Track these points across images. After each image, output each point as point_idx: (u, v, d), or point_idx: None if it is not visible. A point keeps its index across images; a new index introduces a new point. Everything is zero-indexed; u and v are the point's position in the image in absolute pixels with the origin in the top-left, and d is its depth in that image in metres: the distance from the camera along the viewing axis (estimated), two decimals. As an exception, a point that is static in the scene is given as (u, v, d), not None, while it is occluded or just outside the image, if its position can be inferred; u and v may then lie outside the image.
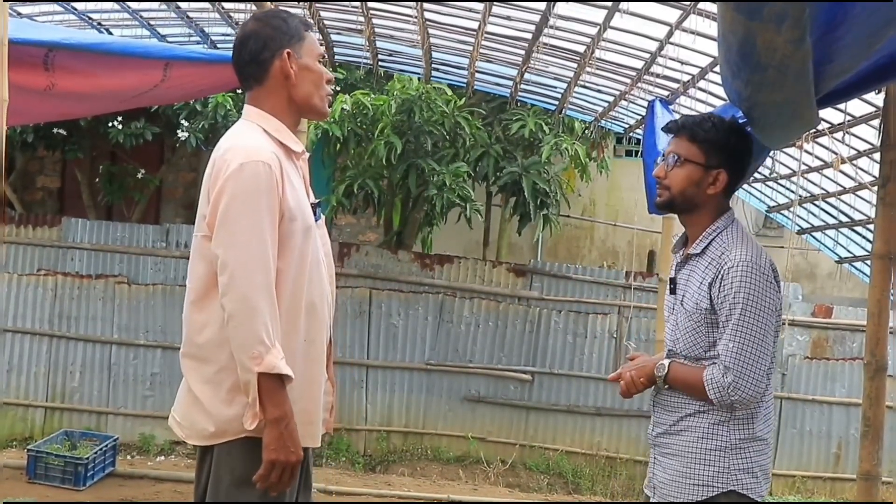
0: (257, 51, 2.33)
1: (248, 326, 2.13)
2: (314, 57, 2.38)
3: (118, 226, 7.14)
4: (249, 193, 2.17)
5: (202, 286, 2.26)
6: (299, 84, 2.35)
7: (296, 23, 2.38)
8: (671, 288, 2.66)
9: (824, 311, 7.29)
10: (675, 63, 4.33)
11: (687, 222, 2.66)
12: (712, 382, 2.42)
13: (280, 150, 2.29)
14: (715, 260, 2.49)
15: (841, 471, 7.18)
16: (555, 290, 7.29)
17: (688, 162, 2.57)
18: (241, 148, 2.23)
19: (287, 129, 2.36)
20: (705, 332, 2.49)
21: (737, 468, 2.46)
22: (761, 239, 10.42)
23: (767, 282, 2.43)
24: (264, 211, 2.17)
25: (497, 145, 7.34)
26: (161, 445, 6.89)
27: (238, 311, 2.14)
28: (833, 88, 2.29)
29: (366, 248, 7.41)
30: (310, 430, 2.32)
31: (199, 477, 2.36)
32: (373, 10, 4.92)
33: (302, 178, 2.39)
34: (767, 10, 1.70)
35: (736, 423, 2.47)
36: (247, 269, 2.15)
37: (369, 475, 6.85)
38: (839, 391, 7.19)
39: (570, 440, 7.28)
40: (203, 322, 2.26)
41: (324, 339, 2.38)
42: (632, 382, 2.62)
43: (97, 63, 4.29)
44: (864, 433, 3.36)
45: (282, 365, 2.14)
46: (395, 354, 7.21)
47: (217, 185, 2.20)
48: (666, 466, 2.57)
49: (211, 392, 2.25)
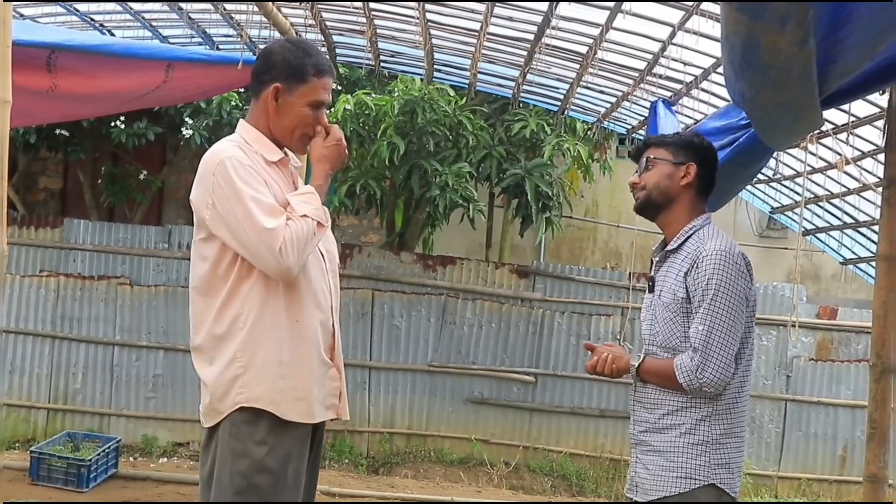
0: (261, 70, 2.52)
1: (303, 232, 2.37)
2: (306, 102, 2.50)
3: (120, 227, 7.14)
4: (235, 180, 2.36)
5: (205, 286, 2.47)
6: (277, 118, 2.51)
7: (307, 64, 2.49)
8: (650, 286, 2.77)
9: (829, 313, 7.26)
10: (678, 64, 4.31)
11: (664, 222, 2.76)
12: (681, 367, 2.53)
13: (257, 157, 2.47)
14: (691, 253, 2.61)
15: (847, 473, 7.14)
16: (558, 292, 7.27)
17: (658, 160, 2.71)
18: (212, 153, 2.45)
19: (266, 139, 2.52)
20: (681, 322, 2.59)
21: (716, 463, 2.55)
22: (766, 240, 10.40)
23: (739, 271, 2.54)
24: (242, 185, 2.35)
25: (500, 146, 7.32)
26: (163, 447, 6.88)
27: (290, 240, 2.34)
28: (837, 89, 2.30)
29: (368, 250, 7.40)
30: (301, 405, 2.46)
31: (205, 459, 2.50)
32: (374, 12, 4.91)
33: (290, 184, 2.56)
34: (771, 11, 1.70)
35: (716, 419, 2.56)
36: (261, 232, 2.33)
37: (372, 477, 6.84)
38: (844, 393, 7.15)
39: (573, 442, 7.26)
40: (205, 313, 2.48)
41: (317, 322, 2.49)
42: (604, 361, 2.70)
43: (99, 64, 4.29)
44: (870, 435, 3.34)
45: (321, 214, 2.47)
46: (398, 356, 7.19)
47: (200, 190, 2.43)
48: (648, 463, 2.64)
49: (211, 371, 2.44)
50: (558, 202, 7.40)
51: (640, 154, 2.79)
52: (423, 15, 4.68)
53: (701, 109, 4.73)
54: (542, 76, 5.42)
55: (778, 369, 7.18)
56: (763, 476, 7.08)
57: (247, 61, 4.68)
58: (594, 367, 2.72)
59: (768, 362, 7.14)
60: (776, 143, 3.08)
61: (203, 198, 2.41)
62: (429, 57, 5.52)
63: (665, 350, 2.63)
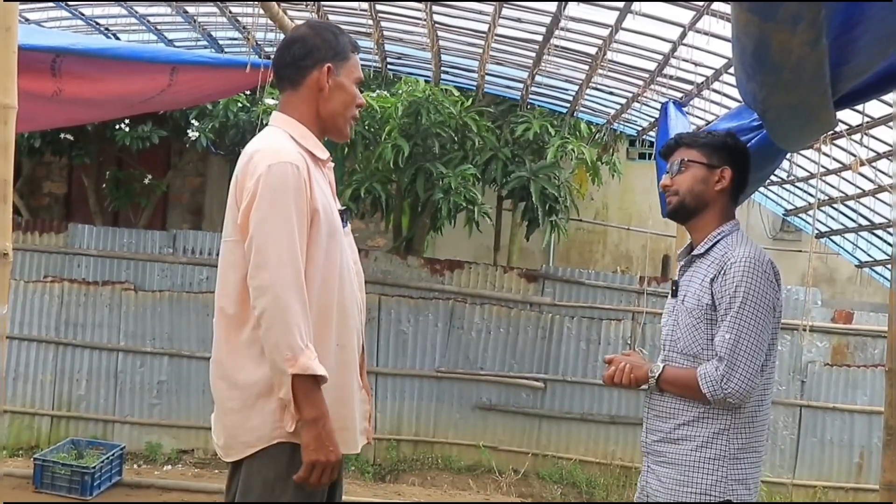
0: (301, 56, 2.38)
1: (281, 327, 2.13)
2: (352, 79, 2.42)
3: (124, 232, 7.09)
4: (278, 193, 2.18)
5: (237, 295, 2.24)
6: (330, 100, 2.39)
7: (345, 41, 2.43)
8: (673, 291, 2.70)
9: (844, 317, 7.15)
10: (689, 65, 4.25)
11: (693, 227, 2.67)
12: (705, 376, 2.45)
13: (306, 154, 2.32)
14: (718, 259, 2.54)
15: (863, 481, 7.01)
16: (567, 296, 7.18)
17: (692, 163, 2.61)
18: (267, 150, 2.26)
19: (313, 136, 2.39)
20: (705, 329, 2.51)
21: (733, 478, 2.47)
22: (779, 243, 10.30)
23: (768, 279, 2.47)
24: (293, 211, 2.19)
25: (506, 148, 7.24)
26: (168, 454, 6.83)
27: (270, 312, 2.14)
28: (850, 90, 2.26)
29: (374, 254, 7.34)
30: (344, 435, 2.31)
31: (230, 488, 2.37)
32: (381, 13, 4.87)
33: (329, 185, 2.42)
34: (782, 11, 1.68)
35: (735, 432, 2.48)
36: (279, 270, 2.15)
37: (379, 485, 6.78)
38: (861, 399, 7.03)
39: (583, 449, 7.16)
40: (237, 336, 2.25)
41: (355, 344, 2.38)
42: (622, 372, 2.61)
43: (104, 68, 4.27)
44: (886, 442, 3.29)
45: (315, 365, 2.14)
46: (405, 361, 7.11)
47: (246, 187, 2.22)
48: (661, 475, 2.56)
49: (240, 402, 2.25)
50: (565, 205, 7.31)
51: (670, 153, 2.70)
52: (431, 17, 4.63)
53: (712, 111, 4.67)
54: (551, 78, 5.37)
55: (792, 374, 7.08)
56: (778, 483, 6.97)
57: (255, 64, 4.65)
58: (612, 377, 2.64)
59: (782, 367, 7.02)
60: (789, 144, 3.03)
61: (248, 199, 2.21)
62: (436, 59, 5.47)
63: (685, 356, 2.56)
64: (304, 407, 2.14)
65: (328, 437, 2.17)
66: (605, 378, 2.68)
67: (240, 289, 2.23)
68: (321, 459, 2.16)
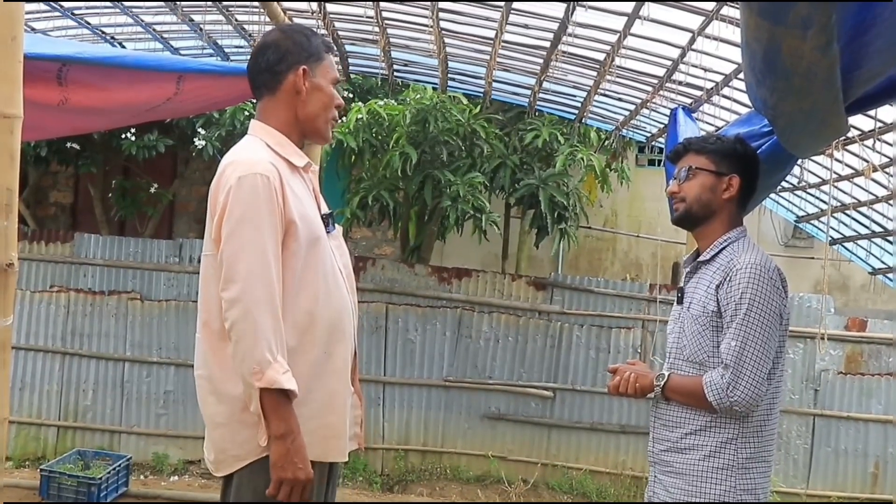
0: (274, 61, 2.36)
1: (249, 340, 2.11)
2: (328, 80, 2.41)
3: (131, 241, 7.06)
4: (248, 206, 2.17)
5: (219, 310, 2.21)
6: (308, 103, 2.37)
7: (318, 42, 2.41)
8: (678, 298, 2.66)
9: (858, 325, 7.05)
10: (698, 70, 4.21)
11: (700, 234, 2.65)
12: (711, 384, 2.41)
13: (282, 163, 2.30)
14: (724, 265, 2.51)
15: (879, 491, 6.91)
16: (576, 304, 7.12)
17: (700, 171, 2.59)
18: (239, 162, 2.24)
19: (291, 143, 2.36)
20: (710, 336, 2.48)
21: (742, 489, 2.43)
22: (791, 250, 10.21)
23: (774, 286, 2.44)
24: (265, 223, 2.17)
25: (514, 156, 7.20)
26: (175, 465, 6.79)
27: (239, 325, 2.13)
28: (862, 94, 2.22)
29: (382, 262, 7.29)
30: (335, 443, 2.29)
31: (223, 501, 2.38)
32: (387, 20, 4.84)
33: (311, 191, 2.39)
34: (792, 16, 1.64)
35: (744, 441, 2.44)
36: (248, 283, 2.13)
37: (387, 495, 6.72)
38: (875, 408, 6.93)
39: (593, 459, 7.09)
40: (224, 349, 2.23)
41: (346, 351, 2.36)
42: (626, 381, 2.59)
43: (110, 77, 4.24)
44: (902, 453, 3.19)
45: (283, 379, 2.11)
46: (413, 371, 7.06)
47: (218, 200, 2.22)
48: (668, 485, 2.52)
49: (227, 415, 2.25)
50: (574, 213, 7.26)
51: (678, 157, 2.67)
52: (437, 23, 4.60)
53: (722, 116, 4.63)
54: (559, 84, 5.34)
55: (805, 383, 6.99)
56: (791, 494, 6.88)
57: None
58: (616, 387, 2.62)
59: (795, 376, 6.94)
60: (800, 150, 2.99)
61: (220, 212, 2.22)
62: (443, 66, 5.44)
63: (691, 364, 2.52)
64: (272, 422, 2.12)
65: (297, 453, 2.14)
66: (609, 388, 2.66)
67: (221, 303, 2.21)
68: (288, 477, 2.13)
